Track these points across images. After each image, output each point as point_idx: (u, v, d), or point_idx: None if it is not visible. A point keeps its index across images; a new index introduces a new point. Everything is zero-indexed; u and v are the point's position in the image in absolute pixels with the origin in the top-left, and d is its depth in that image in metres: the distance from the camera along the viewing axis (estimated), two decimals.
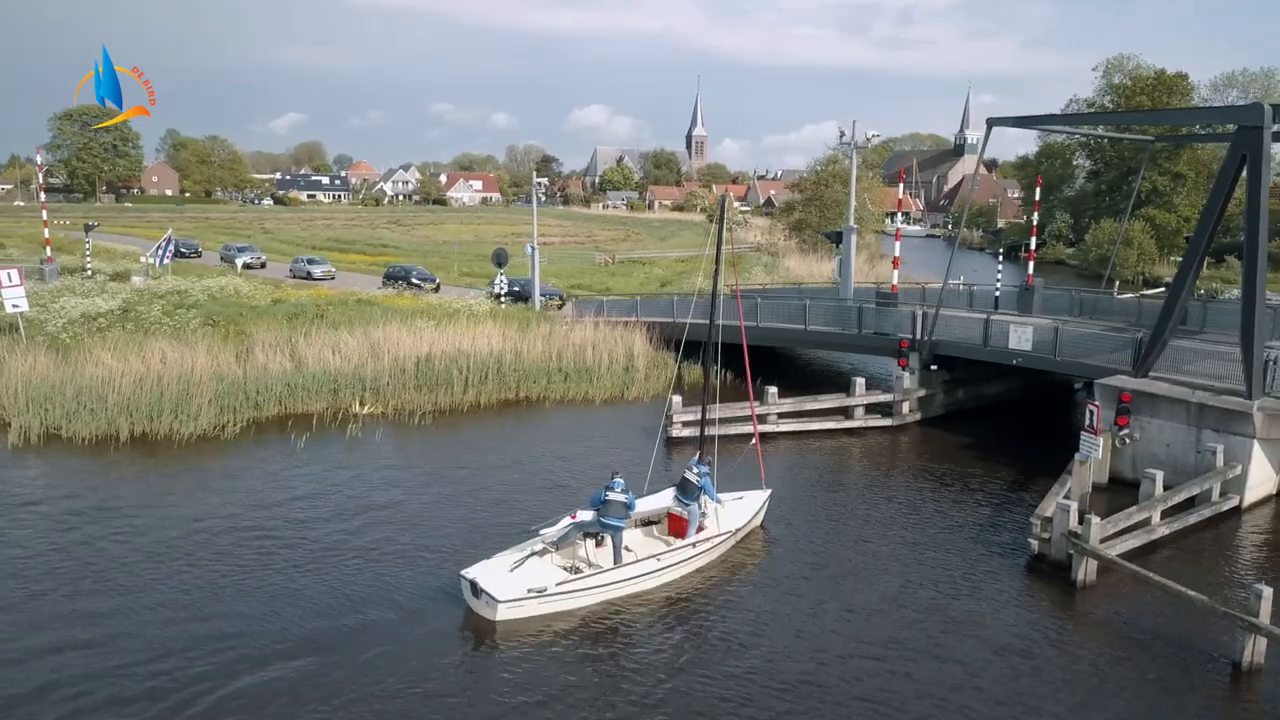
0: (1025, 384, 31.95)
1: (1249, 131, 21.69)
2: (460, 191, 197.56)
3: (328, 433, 26.33)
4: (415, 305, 39.96)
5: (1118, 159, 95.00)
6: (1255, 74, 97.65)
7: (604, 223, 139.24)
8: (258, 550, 18.27)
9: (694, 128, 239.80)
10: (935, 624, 16.00)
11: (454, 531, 19.50)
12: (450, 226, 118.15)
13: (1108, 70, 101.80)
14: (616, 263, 74.12)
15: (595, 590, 16.16)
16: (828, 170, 74.94)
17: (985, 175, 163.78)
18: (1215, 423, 21.57)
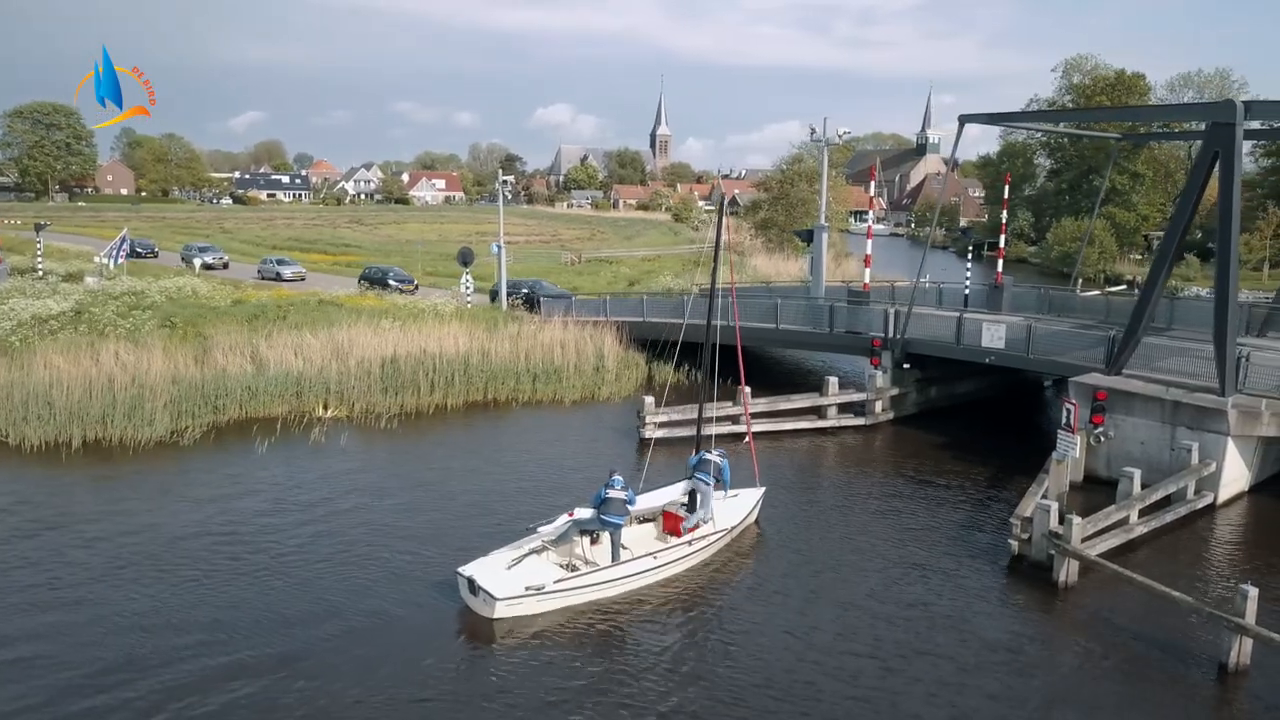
0: (996, 382, 31.91)
1: (1221, 128, 21.68)
2: (423, 191, 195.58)
3: (291, 437, 25.59)
4: (379, 306, 39.17)
5: (1078, 158, 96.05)
6: (1210, 75, 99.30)
7: (569, 222, 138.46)
8: (227, 556, 17.74)
9: (658, 127, 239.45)
10: (919, 627, 15.73)
11: (429, 535, 19.05)
12: (413, 226, 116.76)
13: (1067, 70, 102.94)
14: (583, 262, 73.60)
15: (593, 588, 16.07)
16: (793, 169, 74.88)
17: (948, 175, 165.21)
18: (1190, 420, 21.53)
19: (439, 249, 79.68)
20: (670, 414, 26.11)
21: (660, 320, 35.00)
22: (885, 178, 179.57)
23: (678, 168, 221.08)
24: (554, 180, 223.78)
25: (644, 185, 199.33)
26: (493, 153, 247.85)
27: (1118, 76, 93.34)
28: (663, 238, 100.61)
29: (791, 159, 77.27)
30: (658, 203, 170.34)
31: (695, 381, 33.35)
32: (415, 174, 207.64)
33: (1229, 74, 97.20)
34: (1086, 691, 13.91)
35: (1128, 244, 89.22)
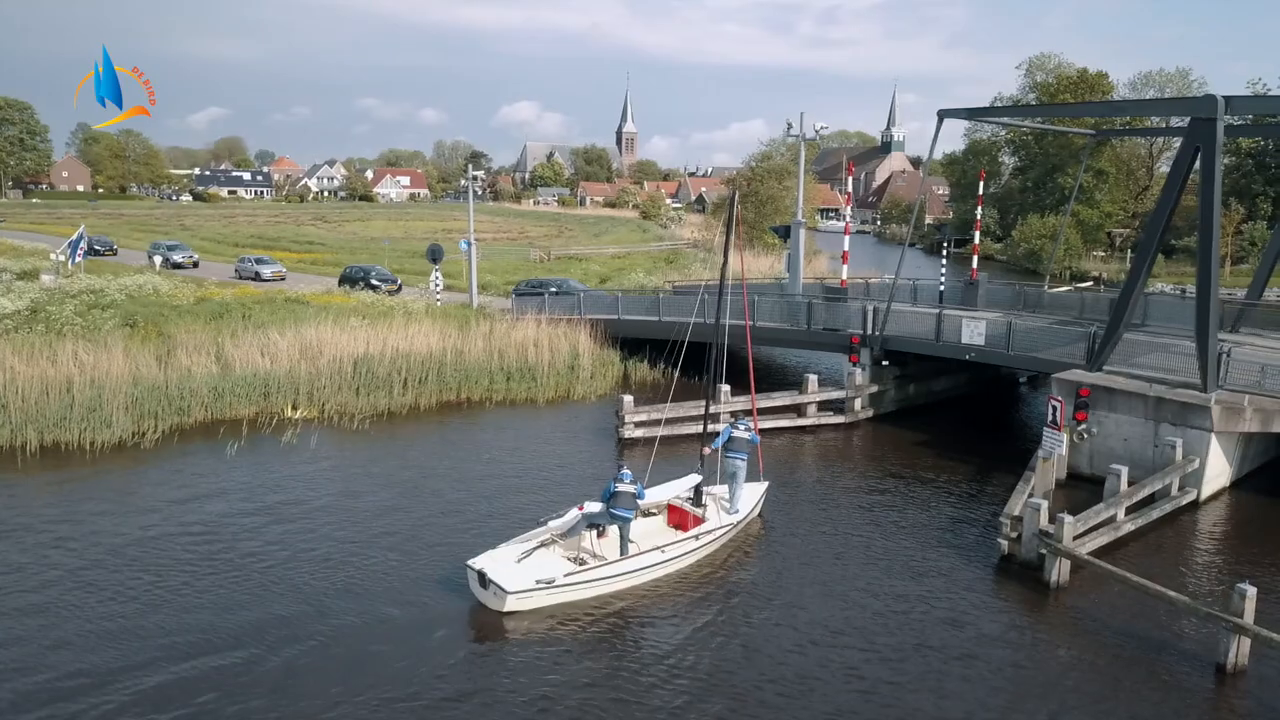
0: (972, 379, 31.85)
1: (1202, 123, 21.59)
2: (387, 188, 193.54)
3: (260, 438, 24.83)
4: (347, 304, 38.38)
5: (1043, 155, 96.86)
6: (1171, 74, 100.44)
7: (536, 219, 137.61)
8: (202, 559, 17.20)
9: (624, 124, 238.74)
10: (914, 627, 15.41)
11: (415, 536, 18.66)
12: (378, 223, 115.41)
13: (1030, 69, 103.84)
14: (552, 259, 72.99)
15: (603, 581, 16.13)
16: (762, 166, 74.74)
17: (912, 172, 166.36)
18: (1173, 416, 21.44)
19: (405, 246, 78.78)
20: (649, 413, 25.62)
21: (636, 318, 34.55)
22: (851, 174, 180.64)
23: (644, 165, 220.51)
24: (520, 177, 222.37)
25: (610, 183, 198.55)
26: (457, 150, 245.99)
27: (1081, 75, 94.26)
28: (631, 235, 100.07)
29: (760, 156, 77.20)
30: (625, 200, 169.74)
31: (671, 380, 33.05)
32: (380, 171, 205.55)
33: (1188, 73, 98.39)
34: (1083, 692, 13.64)
35: (1091, 241, 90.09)
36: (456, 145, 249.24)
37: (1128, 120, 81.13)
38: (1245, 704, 13.50)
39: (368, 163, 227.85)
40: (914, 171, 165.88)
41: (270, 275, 52.53)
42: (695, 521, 18.35)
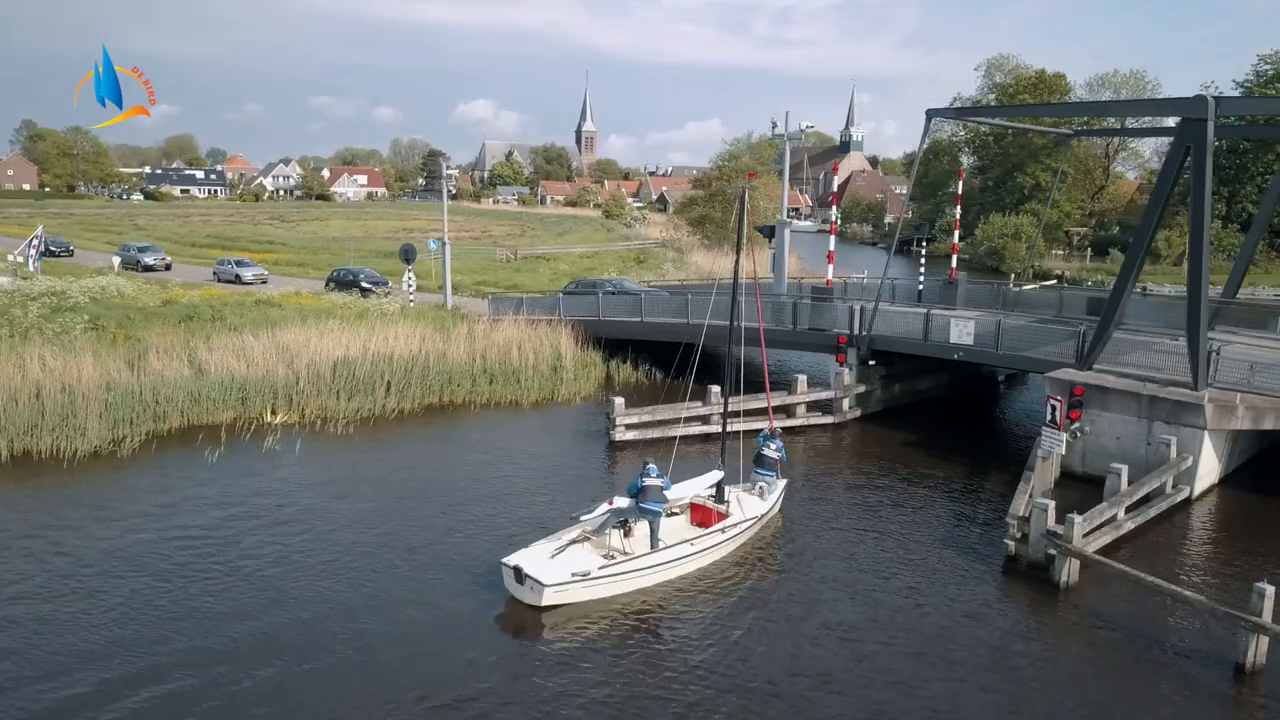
0: (954, 378, 31.96)
1: (1193, 124, 21.78)
2: (344, 186, 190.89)
3: (241, 444, 24.09)
4: (320, 306, 37.58)
5: (1002, 155, 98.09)
6: (1126, 76, 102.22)
7: (497, 218, 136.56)
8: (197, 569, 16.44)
9: (583, 123, 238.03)
10: (929, 629, 15.32)
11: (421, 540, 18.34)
12: (337, 222, 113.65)
13: (989, 69, 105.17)
14: (519, 259, 72.32)
15: (636, 575, 16.35)
16: (729, 166, 74.71)
17: (870, 171, 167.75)
18: (1167, 415, 21.60)
19: (368, 246, 77.60)
20: (640, 415, 25.31)
21: (619, 319, 34.20)
22: (811, 174, 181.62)
23: (604, 164, 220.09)
24: (479, 176, 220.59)
25: (571, 182, 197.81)
26: (414, 148, 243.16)
27: (1039, 76, 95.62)
28: (596, 234, 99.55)
29: (727, 156, 77.16)
30: (586, 199, 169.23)
31: (655, 381, 32.79)
32: (336, 169, 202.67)
33: (1143, 75, 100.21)
34: (1103, 691, 13.62)
35: (1051, 239, 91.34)
36: (414, 144, 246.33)
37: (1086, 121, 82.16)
38: (1266, 703, 13.53)
39: (323, 161, 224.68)
40: (873, 171, 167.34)
41: (252, 278, 50.41)
42: (719, 518, 18.53)
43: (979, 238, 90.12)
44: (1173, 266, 75.91)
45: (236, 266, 52.01)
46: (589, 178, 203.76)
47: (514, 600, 15.86)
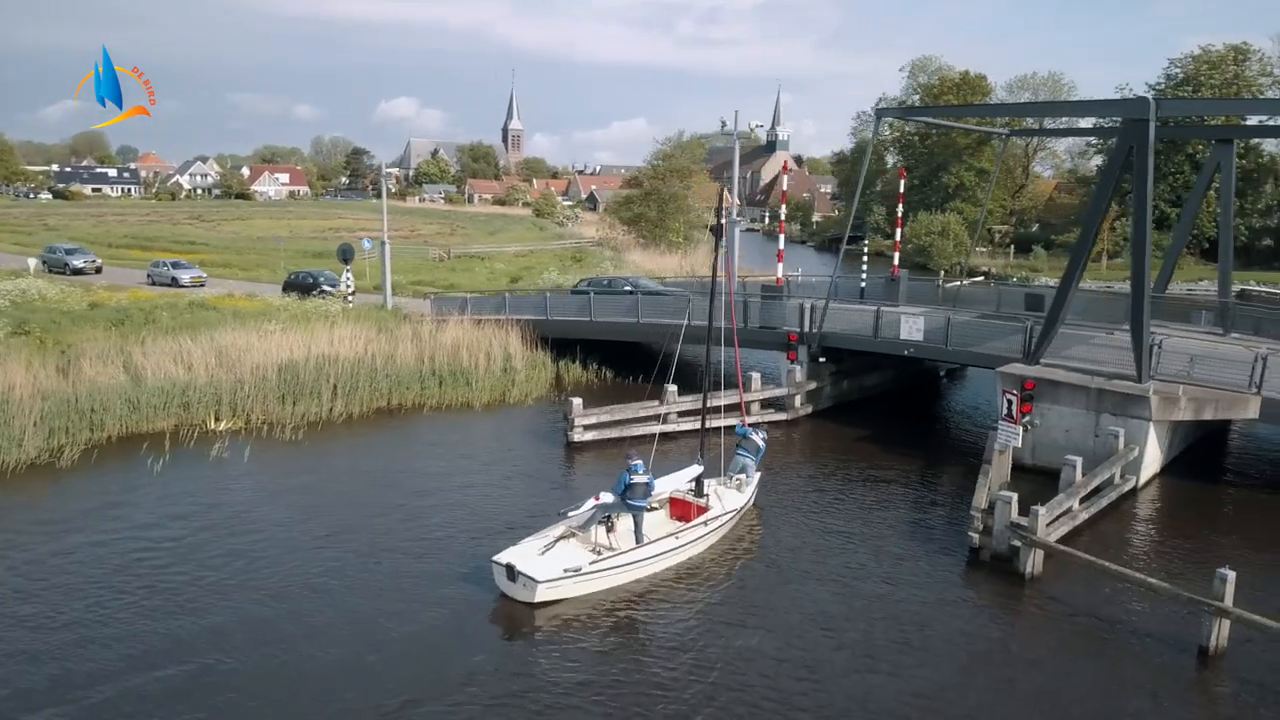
0: (899, 374, 32.48)
1: (1135, 124, 22.47)
2: (266, 185, 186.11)
3: (186, 452, 23.25)
4: (257, 307, 36.57)
5: (928, 155, 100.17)
6: (1044, 78, 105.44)
7: (425, 217, 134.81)
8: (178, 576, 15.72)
9: (510, 121, 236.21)
10: (902, 620, 15.54)
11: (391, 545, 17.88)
12: (260, 222, 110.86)
13: (913, 70, 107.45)
14: (452, 258, 71.35)
15: (625, 569, 16.65)
16: (664, 165, 74.88)
17: (797, 170, 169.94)
18: (1114, 407, 22.24)
19: (294, 246, 75.70)
20: (599, 415, 25.13)
21: (567, 319, 33.95)
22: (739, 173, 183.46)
23: (533, 163, 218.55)
24: (404, 174, 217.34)
25: (499, 180, 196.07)
26: (337, 146, 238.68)
27: (963, 77, 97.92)
28: (529, 233, 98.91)
29: (661, 155, 77.30)
30: (515, 198, 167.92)
31: (606, 380, 32.66)
32: (256, 168, 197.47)
33: (1060, 77, 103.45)
34: (1071, 677, 13.97)
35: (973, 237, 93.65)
36: (336, 142, 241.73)
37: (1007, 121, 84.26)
38: (1230, 683, 14.01)
39: (242, 159, 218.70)
40: (799, 169, 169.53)
41: (190, 281, 48.08)
42: (699, 512, 18.77)
43: (907, 235, 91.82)
44: (1092, 263, 78.45)
45: (173, 269, 49.62)
46: (517, 176, 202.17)
47: (503, 598, 15.93)
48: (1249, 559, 17.57)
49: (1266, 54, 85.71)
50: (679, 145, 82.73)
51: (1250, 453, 26.71)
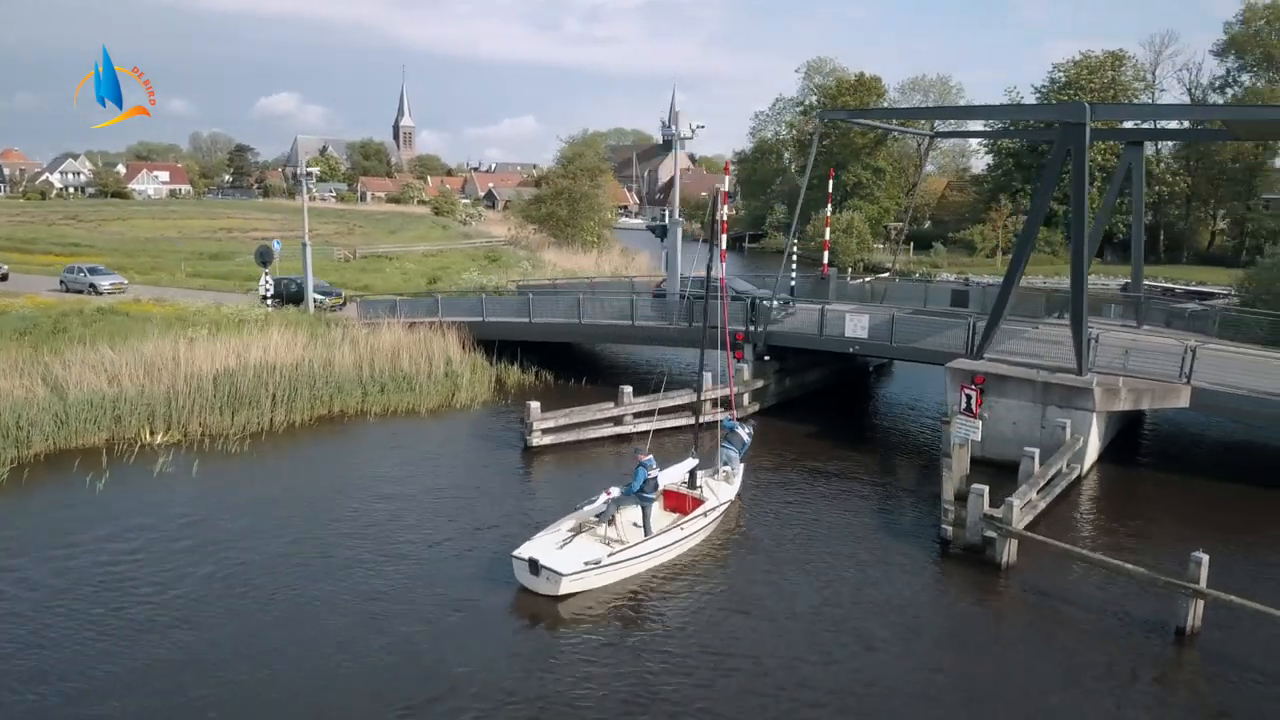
0: (835, 370, 33.19)
1: (1072, 128, 23.49)
2: (144, 183, 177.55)
3: (125, 469, 22.02)
4: (171, 313, 34.92)
5: (826, 154, 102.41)
6: (934, 80, 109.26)
7: (318, 215, 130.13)
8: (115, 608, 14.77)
9: (401, 118, 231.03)
10: (874, 621, 15.91)
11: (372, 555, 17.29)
12: (142, 222, 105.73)
13: (809, 72, 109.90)
14: (358, 258, 69.47)
15: (639, 560, 17.18)
16: (575, 165, 74.56)
17: (697, 171, 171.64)
18: (1060, 399, 23.21)
19: (187, 247, 72.59)
20: (558, 419, 24.86)
21: (505, 320, 33.51)
22: (637, 172, 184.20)
23: (427, 160, 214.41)
24: (291, 172, 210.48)
25: (392, 178, 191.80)
26: (217, 143, 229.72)
27: (859, 79, 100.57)
28: (432, 232, 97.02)
29: (571, 155, 76.94)
30: (410, 195, 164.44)
31: (548, 383, 32.31)
32: (133, 165, 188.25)
33: (949, 79, 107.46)
34: (1055, 660, 14.64)
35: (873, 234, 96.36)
36: (216, 138, 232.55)
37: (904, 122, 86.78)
38: (1207, 660, 14.82)
39: (115, 156, 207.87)
40: (697, 168, 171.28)
41: (110, 288, 44.75)
42: (694, 503, 19.26)
43: (809, 234, 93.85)
44: (986, 259, 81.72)
45: (90, 275, 46.00)
46: (411, 174, 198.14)
47: (523, 592, 16.29)
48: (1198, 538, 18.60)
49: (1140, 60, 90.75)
50: (583, 143, 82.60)
51: (1166, 438, 28.22)
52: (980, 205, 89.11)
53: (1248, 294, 44.56)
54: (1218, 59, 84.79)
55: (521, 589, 16.33)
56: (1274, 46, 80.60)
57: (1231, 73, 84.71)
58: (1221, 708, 13.60)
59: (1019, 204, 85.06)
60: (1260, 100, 78.42)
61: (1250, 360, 25.11)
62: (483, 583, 16.74)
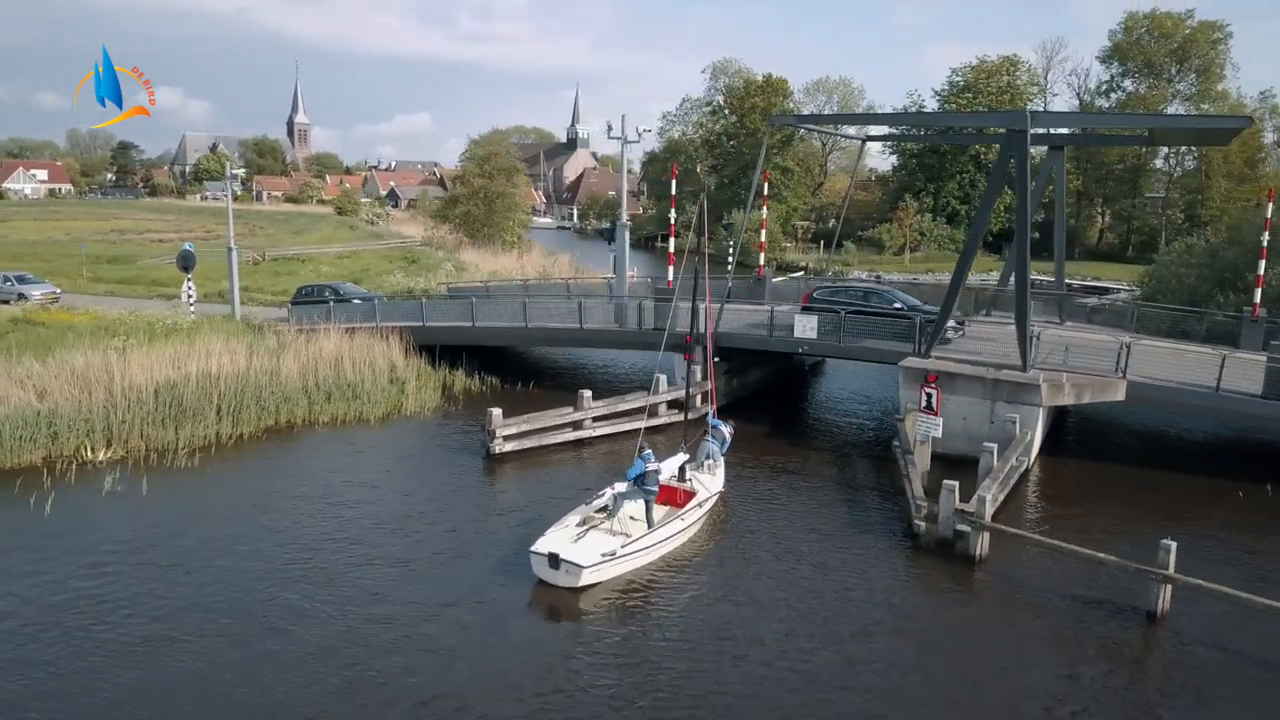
0: (775, 369, 33.83)
1: (1015, 134, 24.48)
2: (20, 183, 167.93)
3: (70, 489, 20.89)
4: (93, 321, 33.29)
5: (735, 155, 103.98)
6: (836, 81, 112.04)
7: (215, 216, 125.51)
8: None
9: (295, 115, 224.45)
10: (868, 609, 16.45)
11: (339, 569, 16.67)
12: (24, 223, 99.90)
13: (714, 72, 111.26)
14: (267, 260, 67.29)
15: (649, 550, 17.87)
16: (491, 164, 73.83)
17: (603, 169, 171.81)
18: (1008, 395, 24.16)
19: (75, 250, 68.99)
20: (520, 425, 24.66)
21: (449, 324, 33.04)
22: (544, 170, 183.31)
23: (324, 158, 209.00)
24: (179, 170, 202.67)
25: (288, 176, 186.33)
26: (97, 139, 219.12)
27: (766, 80, 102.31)
28: (339, 233, 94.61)
29: (486, 154, 76.07)
30: (308, 195, 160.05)
31: (494, 388, 31.96)
32: (7, 163, 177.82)
33: (850, 81, 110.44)
34: (1036, 645, 15.39)
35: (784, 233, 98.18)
36: (96, 135, 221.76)
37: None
38: (1177, 641, 15.71)
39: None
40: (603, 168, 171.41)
41: (41, 298, 41.48)
42: (685, 496, 19.97)
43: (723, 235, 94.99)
44: (895, 256, 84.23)
45: (19, 284, 42.38)
46: (308, 172, 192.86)
47: (541, 585, 16.83)
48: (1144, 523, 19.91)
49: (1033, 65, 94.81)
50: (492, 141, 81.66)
51: (1088, 430, 29.61)
52: (886, 204, 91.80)
53: (1147, 289, 47.18)
54: (1103, 65, 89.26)
55: (540, 583, 16.89)
56: (1154, 54, 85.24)
57: (1115, 78, 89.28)
58: (1193, 684, 14.41)
59: (923, 203, 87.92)
60: (1141, 103, 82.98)
61: (1171, 353, 26.60)
62: (497, 582, 17.06)
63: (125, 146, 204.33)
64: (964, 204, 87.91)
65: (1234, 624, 15.90)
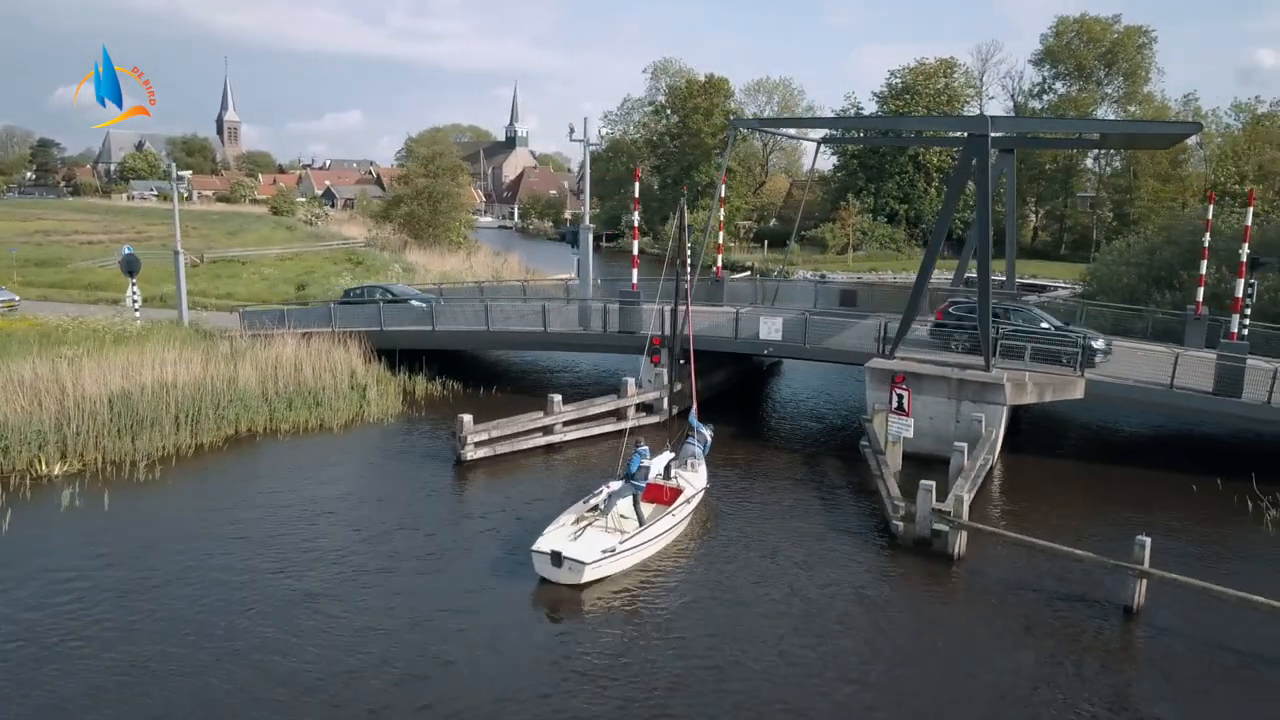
0: (736, 370, 34.00)
1: (976, 139, 24.96)
2: None
3: (26, 505, 20.15)
4: (33, 328, 32.14)
5: (678, 155, 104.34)
6: (777, 82, 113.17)
7: (143, 216, 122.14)
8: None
9: (225, 112, 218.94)
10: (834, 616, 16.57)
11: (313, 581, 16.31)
12: None
13: (655, 73, 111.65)
14: (207, 263, 65.60)
15: (645, 545, 18.36)
16: (436, 164, 73.05)
17: (544, 169, 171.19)
18: (974, 395, 24.63)
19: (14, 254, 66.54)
20: (490, 431, 24.40)
21: (407, 329, 32.56)
22: (483, 169, 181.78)
23: (256, 156, 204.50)
24: (104, 169, 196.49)
25: (219, 175, 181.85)
26: (13, 136, 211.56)
27: (708, 80, 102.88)
28: (276, 233, 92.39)
29: (430, 154, 75.33)
30: (241, 194, 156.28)
31: (456, 392, 31.59)
32: None
33: (790, 82, 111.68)
34: (1018, 640, 15.77)
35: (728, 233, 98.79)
36: (11, 132, 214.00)
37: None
38: (1154, 634, 16.18)
39: None
40: (544, 167, 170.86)
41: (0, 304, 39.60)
42: (673, 493, 20.27)
43: (666, 234, 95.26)
44: (838, 255, 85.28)
45: None
46: (239, 171, 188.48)
47: (543, 583, 17.17)
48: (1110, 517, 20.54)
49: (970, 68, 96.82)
50: (431, 139, 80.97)
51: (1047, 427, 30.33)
52: (828, 204, 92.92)
53: (1089, 288, 48.52)
54: (1035, 68, 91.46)
55: (541, 581, 17.19)
56: (1084, 57, 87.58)
57: (1047, 80, 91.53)
58: (1173, 676, 14.87)
59: (864, 203, 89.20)
60: (1073, 105, 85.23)
61: (1123, 352, 27.41)
62: (498, 581, 17.41)
63: (46, 144, 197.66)
64: (903, 204, 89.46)
65: (1206, 616, 16.41)
